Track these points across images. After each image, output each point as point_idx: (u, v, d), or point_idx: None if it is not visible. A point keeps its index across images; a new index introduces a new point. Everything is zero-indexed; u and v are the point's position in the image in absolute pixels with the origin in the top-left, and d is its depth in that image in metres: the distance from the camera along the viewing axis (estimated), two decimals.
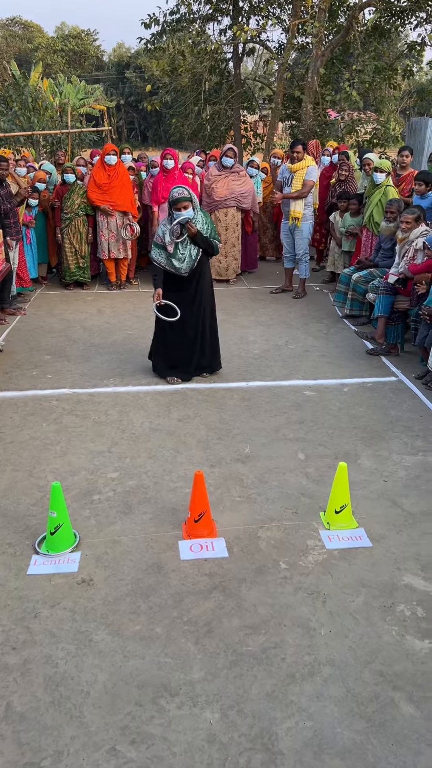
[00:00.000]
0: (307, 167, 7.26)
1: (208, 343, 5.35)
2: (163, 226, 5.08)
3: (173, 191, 4.98)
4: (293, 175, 7.26)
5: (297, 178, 7.25)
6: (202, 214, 5.12)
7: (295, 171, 7.24)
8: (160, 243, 5.06)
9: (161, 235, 5.05)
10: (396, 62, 15.99)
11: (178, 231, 4.99)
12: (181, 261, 5.03)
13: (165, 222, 5.10)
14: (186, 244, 5.02)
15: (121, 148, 9.48)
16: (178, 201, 4.91)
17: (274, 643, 2.63)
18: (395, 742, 2.21)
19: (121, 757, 2.16)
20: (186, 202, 4.92)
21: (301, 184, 7.22)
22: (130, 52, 44.12)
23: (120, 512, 3.54)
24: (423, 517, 3.47)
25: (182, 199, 4.90)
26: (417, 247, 5.65)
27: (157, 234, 5.12)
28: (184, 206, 4.92)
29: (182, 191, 4.95)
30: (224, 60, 16.69)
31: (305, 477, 3.89)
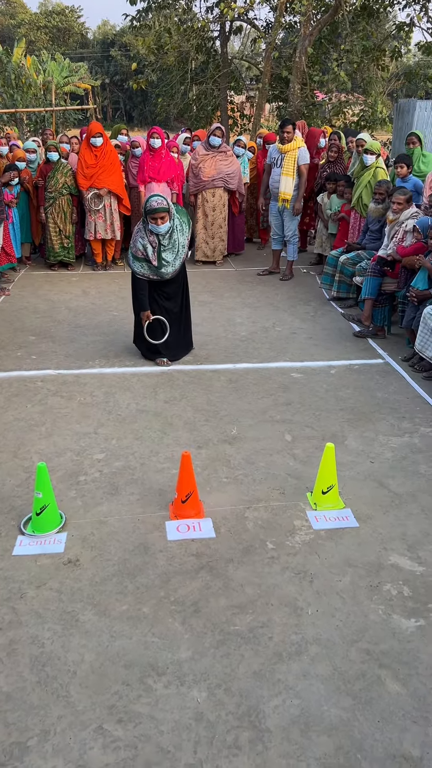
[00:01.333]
0: (298, 149, 7.17)
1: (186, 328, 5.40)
2: (142, 239, 4.88)
3: (151, 199, 4.79)
4: (283, 155, 7.17)
5: (288, 159, 7.15)
6: (178, 217, 4.98)
7: (285, 152, 7.15)
8: (141, 257, 4.91)
9: (141, 249, 4.88)
10: (384, 43, 15.85)
11: (156, 242, 4.85)
12: (167, 266, 4.95)
13: (142, 234, 4.89)
14: (168, 249, 4.90)
15: (117, 128, 9.33)
16: (155, 211, 4.74)
17: (261, 622, 2.64)
18: (381, 719, 2.22)
19: (108, 736, 2.15)
20: (163, 213, 4.75)
21: (293, 166, 7.13)
22: (115, 29, 43.40)
23: (106, 493, 3.51)
24: (409, 497, 3.48)
25: (160, 210, 4.74)
26: (407, 228, 5.63)
27: (135, 247, 4.92)
28: (161, 217, 4.75)
29: (161, 201, 4.76)
30: (211, 38, 16.45)
31: (292, 458, 3.89)
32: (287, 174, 7.12)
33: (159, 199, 4.79)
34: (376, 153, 6.65)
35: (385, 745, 2.13)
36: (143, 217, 4.91)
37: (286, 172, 7.13)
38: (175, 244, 4.96)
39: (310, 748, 2.12)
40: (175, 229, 4.92)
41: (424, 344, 4.87)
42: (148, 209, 4.79)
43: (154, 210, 4.75)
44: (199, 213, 8.16)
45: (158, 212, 4.75)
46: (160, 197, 4.81)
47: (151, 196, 4.85)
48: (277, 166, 7.23)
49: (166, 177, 7.79)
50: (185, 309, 5.38)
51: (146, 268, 4.98)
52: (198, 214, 8.17)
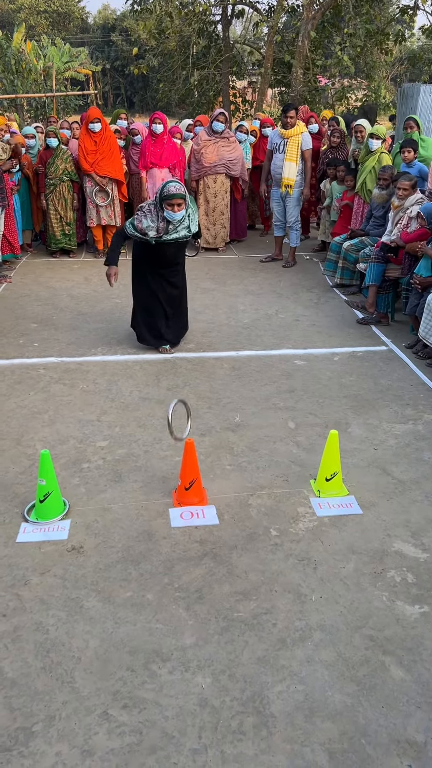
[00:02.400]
0: (301, 134, 7.10)
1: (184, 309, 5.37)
2: (152, 222, 4.66)
3: (169, 185, 4.58)
4: (286, 141, 7.10)
5: (291, 144, 7.08)
6: (191, 207, 4.84)
7: (288, 137, 7.08)
8: (139, 232, 4.72)
9: (144, 228, 4.67)
10: (388, 26, 15.66)
11: (164, 229, 4.70)
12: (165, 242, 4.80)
13: (153, 217, 4.68)
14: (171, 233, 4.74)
15: (117, 113, 9.24)
16: (173, 197, 4.54)
17: (265, 608, 2.64)
18: (386, 704, 2.22)
19: (114, 721, 2.16)
20: (180, 200, 4.56)
21: (297, 152, 7.06)
22: (116, 14, 42.89)
23: (110, 480, 3.51)
24: (413, 484, 3.48)
25: (177, 196, 4.54)
26: (411, 215, 5.58)
27: (139, 220, 4.70)
28: (178, 204, 4.57)
29: (178, 187, 4.57)
30: (213, 22, 16.27)
31: (295, 445, 3.88)
32: (290, 159, 7.06)
33: (177, 185, 4.61)
34: (382, 138, 6.58)
35: (389, 730, 2.13)
36: (158, 202, 4.70)
37: (290, 158, 7.06)
38: (178, 230, 4.84)
39: (315, 733, 2.12)
40: (186, 218, 4.77)
41: (428, 331, 4.85)
42: (166, 194, 4.58)
43: (172, 195, 4.55)
44: (200, 199, 8.10)
45: (176, 198, 4.56)
46: (178, 183, 4.64)
47: (169, 181, 4.66)
48: (280, 152, 7.16)
49: (168, 163, 7.73)
50: (183, 291, 5.31)
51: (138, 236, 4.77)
52: (199, 201, 8.11)
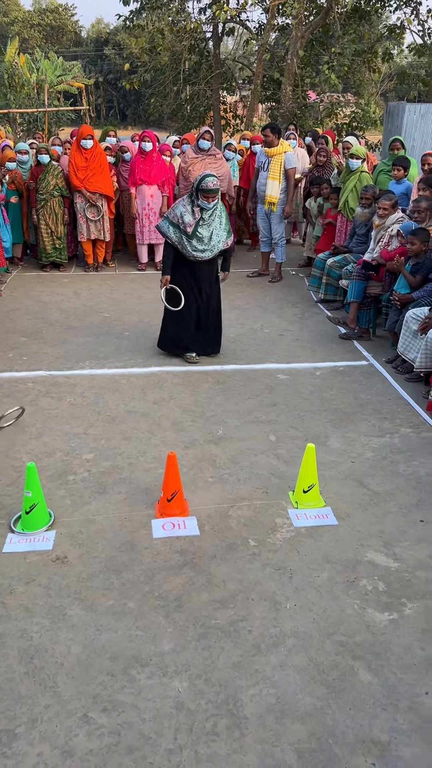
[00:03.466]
0: (284, 153, 7.28)
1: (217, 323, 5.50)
2: (182, 206, 4.96)
3: (207, 179, 4.82)
4: (270, 159, 7.28)
5: (274, 163, 7.27)
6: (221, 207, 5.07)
7: (271, 156, 7.27)
8: (177, 222, 4.98)
9: (179, 215, 4.95)
10: (376, 45, 15.98)
11: (198, 213, 4.92)
12: (199, 241, 4.98)
13: (185, 203, 4.97)
14: (205, 225, 4.97)
15: (106, 130, 9.41)
16: (209, 192, 4.82)
17: (241, 616, 2.75)
18: (353, 706, 2.34)
19: (93, 723, 2.26)
20: (215, 195, 4.87)
21: (280, 170, 7.25)
22: (109, 28, 43.37)
23: (95, 492, 3.62)
24: (387, 496, 3.60)
25: (213, 192, 4.83)
26: (392, 233, 5.75)
27: (173, 213, 5.01)
28: (212, 197, 4.87)
29: (216, 182, 4.82)
30: (204, 39, 16.54)
31: (276, 458, 4.00)
32: (274, 178, 7.24)
33: (215, 180, 4.85)
34: (361, 157, 6.76)
35: (356, 731, 2.24)
36: (193, 192, 4.95)
37: (273, 176, 7.24)
38: (212, 224, 5.01)
39: (285, 734, 2.23)
40: (216, 210, 5.00)
41: (407, 346, 5.00)
42: (203, 188, 4.83)
43: (209, 190, 4.82)
44: None
45: (211, 193, 4.84)
46: (215, 178, 4.86)
47: (208, 175, 4.86)
48: (264, 170, 7.34)
49: (157, 180, 7.89)
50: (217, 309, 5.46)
51: (178, 235, 5.00)
52: None
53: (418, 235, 5.12)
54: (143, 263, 8.43)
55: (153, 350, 5.66)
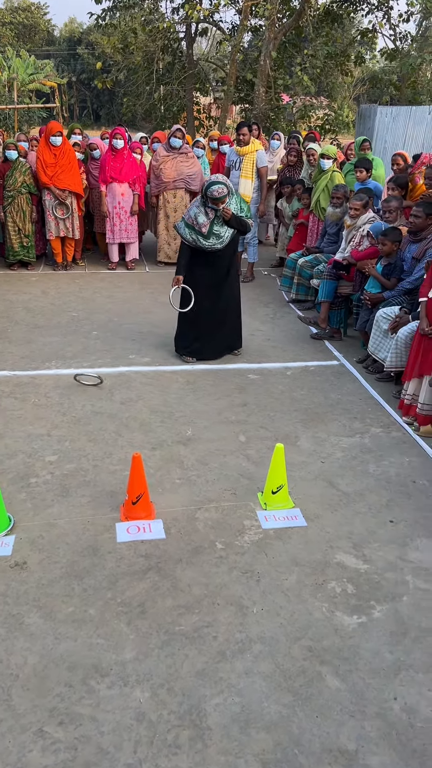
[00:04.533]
0: (256, 151, 7.24)
1: (237, 320, 5.46)
2: (196, 208, 4.99)
3: (212, 188, 4.81)
4: (242, 158, 7.23)
5: (246, 162, 7.21)
6: (236, 197, 5.07)
7: (243, 154, 7.21)
8: (191, 224, 4.99)
9: (193, 217, 4.97)
10: (348, 48, 16.07)
11: (212, 213, 4.94)
12: (217, 238, 5.00)
13: (198, 204, 5.00)
14: (221, 223, 4.99)
15: (71, 127, 9.26)
16: (216, 200, 4.83)
17: (206, 622, 2.66)
18: (320, 714, 2.27)
19: (48, 738, 2.15)
20: (224, 201, 4.86)
21: (252, 169, 7.19)
22: (82, 27, 43.03)
23: (57, 495, 3.50)
24: (357, 496, 3.55)
25: (220, 199, 4.83)
26: (363, 233, 5.72)
27: (188, 215, 5.02)
28: (222, 202, 4.86)
29: (221, 190, 4.81)
30: (177, 39, 16.46)
31: (245, 459, 3.93)
32: (246, 177, 7.18)
33: (221, 188, 4.83)
34: (332, 157, 6.74)
35: (322, 739, 2.17)
36: (202, 196, 4.98)
37: (245, 175, 7.18)
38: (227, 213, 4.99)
39: (249, 744, 2.15)
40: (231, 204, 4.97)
41: (377, 346, 4.97)
42: (210, 197, 4.85)
43: (216, 199, 4.84)
44: (160, 214, 8.16)
45: (219, 201, 4.85)
46: (221, 186, 4.84)
47: (214, 183, 4.86)
48: (236, 169, 7.28)
49: (128, 177, 7.78)
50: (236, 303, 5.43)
51: (193, 235, 5.00)
52: (160, 216, 8.18)
53: (389, 235, 5.10)
54: (114, 262, 8.30)
55: (121, 350, 5.55)
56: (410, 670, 2.45)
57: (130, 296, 7.17)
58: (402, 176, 5.92)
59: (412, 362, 4.36)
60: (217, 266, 5.17)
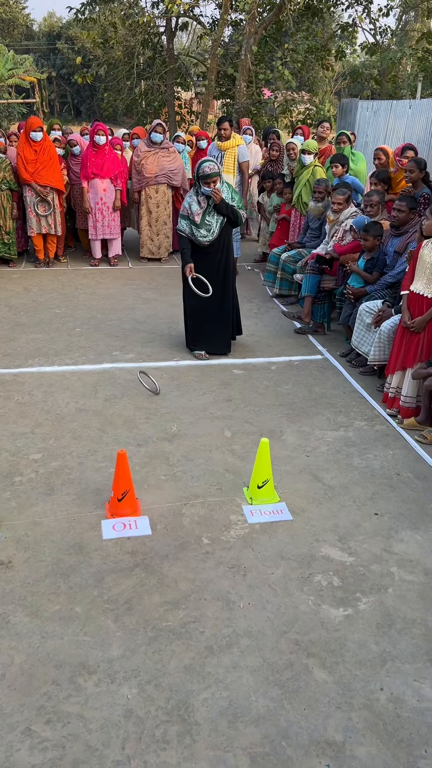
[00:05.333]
0: (237, 146, 7.23)
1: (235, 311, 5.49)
2: (190, 197, 5.04)
3: (203, 165, 4.89)
4: (223, 153, 7.22)
5: (228, 157, 7.21)
6: (227, 185, 5.09)
7: (225, 149, 7.20)
8: (186, 214, 5.03)
9: (187, 207, 5.02)
10: (329, 43, 16.08)
11: (204, 202, 4.98)
12: (207, 230, 5.04)
13: (191, 194, 5.05)
14: (213, 213, 5.02)
15: (51, 123, 9.18)
16: (208, 177, 4.86)
17: (193, 617, 2.66)
18: (307, 706, 2.28)
19: (36, 737, 2.14)
20: (215, 177, 4.89)
21: (234, 164, 7.18)
22: (61, 22, 42.60)
23: (42, 493, 3.48)
24: (342, 490, 3.57)
25: (212, 175, 4.86)
26: (346, 228, 5.74)
27: (183, 206, 5.07)
28: (213, 181, 4.89)
29: (213, 166, 4.88)
30: (157, 34, 16.36)
31: (231, 454, 3.93)
32: (228, 171, 7.18)
33: (211, 164, 4.89)
34: (313, 152, 6.74)
35: (310, 731, 2.18)
36: (195, 182, 5.02)
37: (227, 170, 7.18)
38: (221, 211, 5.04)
39: (237, 738, 2.15)
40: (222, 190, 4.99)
41: (360, 340, 4.99)
42: (201, 175, 4.89)
43: (207, 175, 4.86)
44: (142, 210, 8.13)
45: (211, 177, 4.86)
46: (212, 163, 4.91)
47: (204, 161, 4.93)
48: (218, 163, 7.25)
49: (109, 173, 7.73)
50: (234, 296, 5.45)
51: (188, 226, 5.05)
52: (142, 211, 8.14)
53: (370, 230, 5.11)
54: (97, 259, 8.25)
55: (105, 346, 5.53)
56: (396, 660, 2.47)
57: (113, 292, 7.14)
58: (384, 171, 5.94)
59: (394, 355, 4.39)
60: (211, 260, 5.18)
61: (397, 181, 5.92)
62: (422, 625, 2.64)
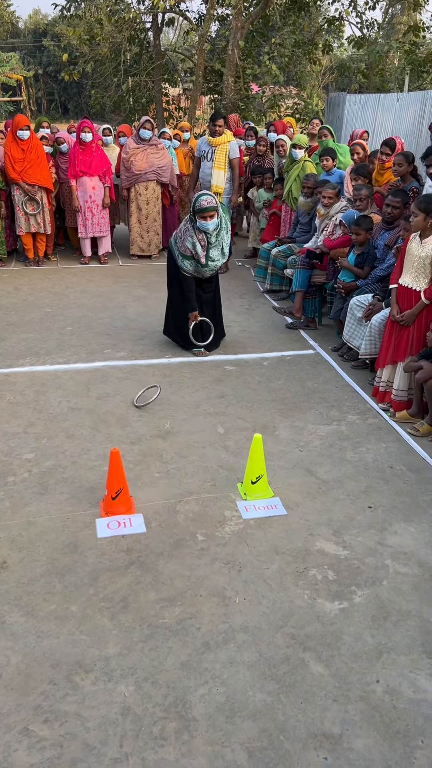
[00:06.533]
0: (228, 143, 7.20)
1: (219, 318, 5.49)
2: (191, 237, 4.92)
3: (200, 199, 4.82)
4: (214, 149, 7.18)
5: (219, 153, 7.17)
6: (223, 216, 5.05)
7: (216, 145, 7.17)
8: (189, 255, 4.96)
9: (190, 248, 4.93)
10: (316, 36, 16.06)
11: (204, 240, 4.93)
12: (213, 263, 5.03)
13: (191, 233, 4.92)
14: (215, 246, 4.98)
15: (39, 121, 9.13)
16: (205, 210, 4.80)
17: (189, 613, 2.67)
18: (304, 700, 2.29)
19: (34, 737, 2.14)
20: (213, 212, 4.82)
21: (225, 160, 7.16)
22: (47, 19, 42.35)
23: (36, 493, 3.47)
24: (335, 483, 3.58)
25: (210, 209, 4.80)
26: (336, 222, 5.74)
27: (183, 246, 4.97)
28: (211, 216, 4.83)
29: (210, 200, 4.81)
30: (144, 30, 16.29)
31: (224, 450, 3.93)
32: (219, 167, 7.15)
33: (209, 198, 4.83)
34: (303, 147, 6.74)
35: (307, 724, 2.19)
36: (191, 216, 4.95)
37: (218, 166, 7.15)
38: (221, 242, 5.04)
39: (235, 733, 2.16)
40: (221, 228, 5.00)
41: (351, 334, 5.00)
42: (198, 209, 4.82)
43: (204, 209, 4.80)
44: (132, 207, 8.11)
45: (208, 211, 4.80)
46: (209, 196, 4.85)
47: (201, 195, 4.87)
48: (208, 160, 7.24)
49: (97, 171, 7.70)
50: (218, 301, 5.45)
51: (193, 265, 5.02)
52: (132, 208, 8.12)
53: (362, 224, 5.11)
54: (87, 257, 8.23)
55: (96, 345, 5.52)
56: (392, 652, 2.48)
57: (104, 290, 7.12)
58: (363, 166, 5.95)
59: (384, 349, 4.40)
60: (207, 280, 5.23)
61: (380, 171, 5.95)
62: (417, 617, 2.65)
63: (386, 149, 5.78)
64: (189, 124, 9.66)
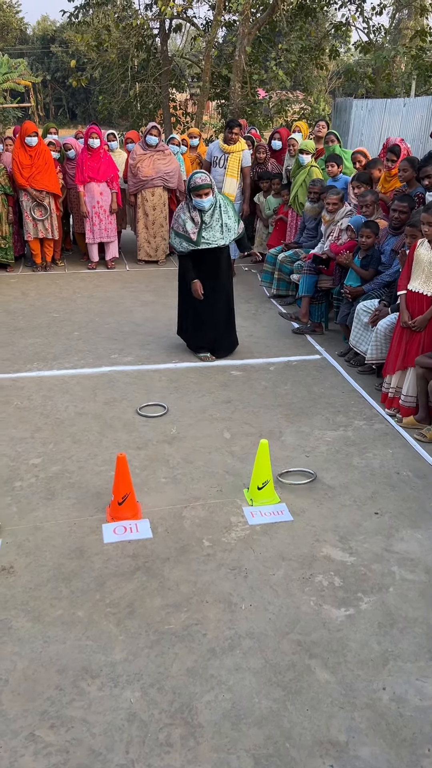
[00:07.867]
0: (242, 151, 7.22)
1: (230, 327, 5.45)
2: (183, 214, 4.96)
3: (194, 176, 4.86)
4: (227, 156, 7.19)
5: (233, 160, 7.17)
6: (221, 197, 5.06)
7: (229, 152, 7.18)
8: (182, 232, 4.96)
9: (182, 224, 4.95)
10: (323, 42, 16.08)
11: (198, 218, 4.92)
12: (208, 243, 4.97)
13: (184, 209, 4.97)
14: (209, 227, 4.96)
15: (47, 127, 9.19)
16: (200, 188, 4.82)
17: (195, 619, 2.67)
18: (310, 707, 2.28)
19: (40, 742, 2.15)
20: (207, 189, 4.84)
21: (237, 168, 7.18)
22: (55, 25, 42.64)
23: (43, 498, 3.48)
24: (342, 489, 3.57)
25: (204, 186, 4.82)
26: (342, 227, 5.74)
27: (176, 222, 4.99)
28: (206, 193, 4.85)
29: (204, 177, 4.85)
30: (151, 36, 16.36)
31: (230, 455, 3.93)
32: (231, 175, 7.17)
33: (203, 176, 4.87)
34: (311, 152, 6.75)
35: (313, 732, 2.19)
36: (187, 195, 4.98)
37: (231, 173, 7.17)
38: (217, 223, 4.99)
39: (241, 740, 2.16)
40: (218, 208, 4.98)
41: (358, 339, 4.99)
42: (193, 186, 4.85)
43: (199, 186, 4.82)
44: (139, 212, 8.14)
45: (203, 188, 4.82)
46: (204, 174, 4.90)
47: (195, 173, 4.91)
48: (220, 166, 7.25)
49: (105, 176, 7.74)
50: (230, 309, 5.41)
51: (185, 243, 4.99)
52: (138, 214, 8.15)
53: (372, 227, 5.10)
54: (94, 262, 8.26)
55: (103, 350, 5.54)
56: (398, 660, 2.47)
57: (111, 295, 7.14)
58: (364, 173, 5.95)
59: (393, 355, 4.39)
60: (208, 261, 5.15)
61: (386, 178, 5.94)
62: (424, 624, 2.64)
63: (392, 156, 5.78)
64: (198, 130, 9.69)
